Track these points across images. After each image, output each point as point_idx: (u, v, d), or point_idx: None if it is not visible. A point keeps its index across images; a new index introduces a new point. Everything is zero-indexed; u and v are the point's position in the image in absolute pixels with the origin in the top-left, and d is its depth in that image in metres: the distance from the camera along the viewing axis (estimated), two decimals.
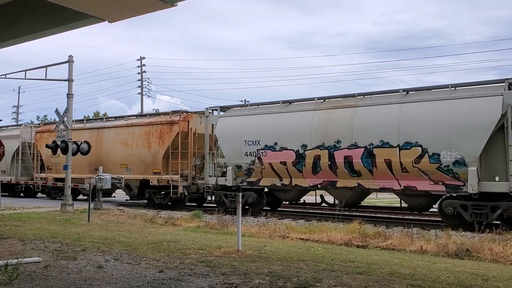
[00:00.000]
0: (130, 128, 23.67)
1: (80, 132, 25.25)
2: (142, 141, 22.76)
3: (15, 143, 29.20)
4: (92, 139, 23.82)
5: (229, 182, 19.65)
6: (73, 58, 21.32)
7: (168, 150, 21.82)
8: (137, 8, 7.46)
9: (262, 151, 18.78)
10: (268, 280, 7.14)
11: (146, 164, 22.60)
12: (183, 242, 10.96)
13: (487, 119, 14.25)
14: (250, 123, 19.58)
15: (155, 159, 22.28)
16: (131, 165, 23.12)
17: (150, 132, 22.57)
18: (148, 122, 22.95)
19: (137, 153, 22.90)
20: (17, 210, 19.70)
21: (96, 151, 23.64)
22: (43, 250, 9.66)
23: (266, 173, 18.84)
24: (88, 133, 25.12)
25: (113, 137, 24.12)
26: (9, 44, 10.34)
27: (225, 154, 20.05)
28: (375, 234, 12.39)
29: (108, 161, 23.82)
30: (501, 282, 7.32)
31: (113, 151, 23.87)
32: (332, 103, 18.08)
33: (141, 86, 50.37)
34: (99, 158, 24.11)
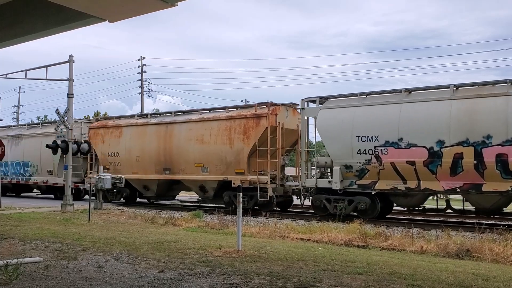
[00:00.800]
0: (206, 123, 20.88)
1: (144, 128, 22.94)
2: (222, 137, 20.16)
3: None
4: (159, 135, 22.08)
5: (336, 185, 16.95)
6: (73, 58, 21.33)
7: (255, 148, 19.34)
8: (137, 8, 7.45)
9: (382, 149, 16.01)
10: (268, 280, 7.14)
11: (227, 163, 20.03)
12: (184, 242, 10.95)
13: None
14: (363, 115, 16.68)
15: (238, 157, 19.74)
16: (208, 164, 20.52)
17: (232, 127, 19.96)
18: (230, 116, 20.28)
19: (216, 151, 20.30)
20: (17, 210, 19.71)
21: (165, 149, 21.82)
22: (44, 250, 9.66)
23: (385, 174, 16.07)
24: (154, 129, 22.55)
25: (186, 133, 21.37)
26: (9, 44, 10.34)
27: (330, 152, 17.35)
28: (375, 234, 12.39)
29: (180, 160, 21.41)
30: (502, 282, 7.31)
31: (186, 149, 21.19)
32: (473, 91, 15.28)
33: (142, 86, 50.37)
34: (168, 157, 21.82)
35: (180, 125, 21.85)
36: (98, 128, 25.06)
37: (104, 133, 24.47)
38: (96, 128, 25.14)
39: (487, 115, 14.56)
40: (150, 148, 22.38)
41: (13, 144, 29.78)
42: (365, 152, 16.38)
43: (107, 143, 24.03)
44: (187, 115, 22.26)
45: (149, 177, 22.62)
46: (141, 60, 50.45)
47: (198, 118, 21.28)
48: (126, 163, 23.26)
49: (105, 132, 24.43)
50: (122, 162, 23.29)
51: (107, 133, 24.25)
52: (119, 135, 23.71)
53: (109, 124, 24.72)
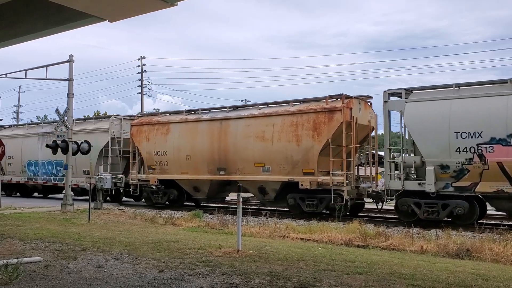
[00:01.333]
0: (268, 119, 19.10)
1: (195, 124, 21.30)
2: (287, 134, 18.36)
3: (104, 138, 24.83)
4: (213, 132, 20.50)
5: (430, 187, 15.13)
6: (73, 57, 21.32)
7: (327, 145, 17.49)
8: (137, 8, 7.45)
9: (486, 146, 14.36)
10: (268, 280, 7.14)
11: (293, 163, 18.23)
12: (183, 242, 10.95)
13: None
14: (462, 108, 14.95)
15: (307, 156, 17.90)
16: (271, 163, 18.75)
17: (299, 123, 18.16)
18: (296, 111, 18.47)
19: (280, 149, 18.52)
20: (17, 209, 19.71)
21: (219, 147, 20.23)
22: (43, 250, 9.66)
23: (489, 175, 14.42)
24: (206, 125, 20.90)
25: (244, 129, 19.64)
26: (9, 43, 10.34)
27: (422, 150, 15.54)
28: (375, 234, 12.39)
29: (237, 159, 19.72)
30: (502, 282, 7.31)
31: (244, 147, 19.50)
32: None
33: (142, 86, 50.36)
34: (223, 156, 20.14)
35: (236, 121, 20.03)
36: (141, 125, 23.20)
37: (148, 131, 22.73)
38: (139, 125, 23.31)
39: None
40: (202, 146, 20.78)
41: (44, 142, 26.99)
42: (465, 150, 14.66)
43: (153, 141, 22.36)
44: (244, 110, 20.51)
45: (201, 178, 20.88)
46: (141, 60, 50.45)
47: (258, 114, 19.50)
48: (174, 162, 21.65)
49: (150, 130, 22.70)
50: (170, 162, 21.72)
51: (152, 130, 22.55)
52: (166, 133, 22.05)
53: (154, 120, 22.88)
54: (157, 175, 22.35)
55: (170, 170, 21.85)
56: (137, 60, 50.67)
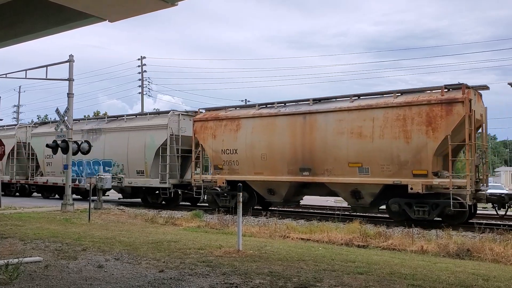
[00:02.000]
0: (366, 112, 16.72)
1: (272, 119, 19.03)
2: (391, 129, 16.05)
3: (161, 135, 22.56)
4: (295, 128, 18.32)
5: None
6: (73, 57, 21.33)
7: (445, 143, 15.20)
8: (138, 8, 7.45)
9: None
10: (268, 280, 7.13)
11: (400, 163, 15.94)
12: (184, 242, 10.95)
13: None
14: None
15: (419, 155, 15.58)
16: (370, 164, 16.50)
17: (407, 117, 15.79)
18: (402, 103, 16.05)
19: (383, 148, 16.22)
20: (17, 209, 19.71)
21: (303, 144, 18.02)
22: (44, 250, 9.66)
23: None
24: (285, 120, 18.64)
25: (335, 125, 17.31)
26: (10, 43, 10.35)
27: None
28: (375, 234, 12.39)
29: (327, 158, 17.44)
30: (502, 282, 7.31)
31: (336, 144, 17.21)
32: None
33: (142, 86, 50.36)
34: (308, 154, 17.92)
35: (324, 115, 17.68)
36: (206, 120, 21.07)
37: (215, 127, 20.62)
38: (203, 121, 21.18)
39: None
40: (282, 144, 18.57)
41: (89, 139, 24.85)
42: None
43: (220, 138, 20.33)
44: (334, 103, 18.00)
45: (279, 179, 18.73)
46: (141, 60, 50.46)
47: (353, 106, 17.07)
48: (246, 162, 19.55)
49: (216, 126, 20.59)
50: (241, 161, 19.64)
51: (219, 126, 20.45)
52: (236, 129, 19.92)
53: (221, 115, 20.68)
54: (225, 176, 20.18)
55: (240, 170, 19.71)
56: (137, 60, 50.70)
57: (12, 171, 30.31)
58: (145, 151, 22.74)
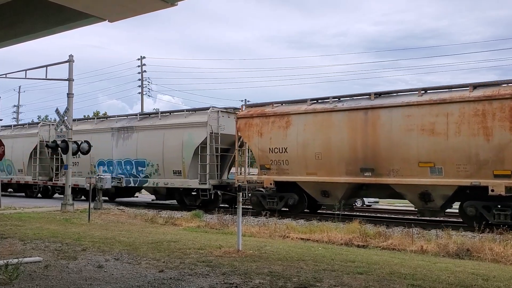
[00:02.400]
0: (438, 107, 15.44)
1: (327, 116, 17.67)
2: (469, 126, 14.86)
3: (200, 133, 21.37)
4: (355, 125, 16.99)
5: None
6: (73, 57, 21.34)
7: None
8: (137, 8, 7.45)
9: None
10: (268, 280, 7.14)
11: (478, 163, 14.71)
12: (184, 242, 10.96)
13: None
14: None
15: (501, 154, 14.38)
16: (443, 163, 15.23)
17: (488, 112, 14.55)
18: (481, 97, 14.84)
19: (459, 146, 15.00)
20: (17, 209, 19.70)
21: (365, 143, 16.72)
22: (44, 250, 9.66)
23: None
24: (344, 116, 17.29)
25: (402, 121, 15.99)
26: (9, 43, 10.35)
27: None
28: (375, 234, 12.39)
29: (393, 157, 16.15)
30: (502, 282, 7.31)
31: (404, 142, 15.91)
32: None
33: (141, 86, 50.37)
34: (371, 153, 16.61)
35: (389, 111, 16.38)
36: (251, 117, 19.74)
37: (261, 124, 19.31)
38: (248, 118, 19.83)
39: None
40: (339, 142, 17.21)
41: (120, 138, 24.09)
42: None
43: (267, 136, 19.06)
44: (399, 97, 16.76)
45: (335, 180, 17.33)
46: (141, 60, 50.47)
47: (423, 101, 15.78)
48: (297, 161, 18.19)
49: (263, 122, 19.28)
50: (291, 160, 18.29)
51: (267, 123, 19.14)
52: (286, 126, 18.61)
53: (268, 111, 19.39)
54: (273, 176, 18.81)
55: (291, 171, 18.35)
56: (137, 60, 50.71)
57: (34, 171, 28.69)
58: (182, 150, 21.51)
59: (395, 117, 16.20)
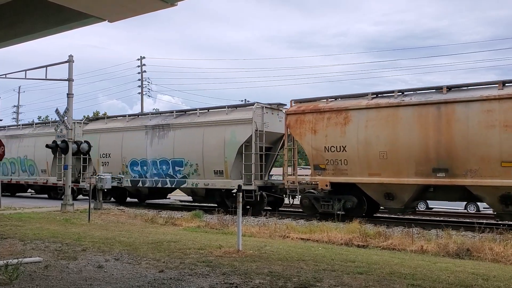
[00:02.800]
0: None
1: (393, 111, 16.34)
2: None
3: (245, 131, 19.96)
4: (425, 121, 15.70)
5: None
6: (73, 58, 21.33)
7: None
8: (137, 8, 7.45)
9: None
10: (268, 280, 7.13)
11: None
12: (184, 242, 10.95)
13: None
14: None
15: None
16: None
17: None
18: None
19: None
20: (17, 210, 19.70)
21: (438, 141, 15.44)
22: (44, 250, 9.66)
23: None
24: (412, 112, 15.94)
25: (481, 116, 14.75)
26: (10, 44, 10.35)
27: None
28: (375, 234, 12.39)
29: (470, 156, 14.91)
30: (502, 282, 7.31)
31: (483, 140, 14.69)
32: None
33: (141, 86, 50.34)
34: (444, 152, 15.34)
35: (465, 106, 15.09)
36: (303, 113, 18.32)
37: (315, 120, 17.92)
38: (300, 114, 18.45)
39: None
40: (408, 140, 15.88)
41: (155, 136, 22.74)
42: None
43: (322, 133, 17.67)
44: (476, 91, 15.43)
45: (403, 181, 15.98)
46: (141, 60, 50.45)
47: (505, 94, 14.47)
48: (358, 161, 16.86)
49: (316, 119, 17.88)
50: (350, 160, 16.96)
51: (321, 119, 17.75)
52: (344, 122, 17.25)
53: (323, 107, 17.95)
54: (329, 177, 17.46)
55: (350, 171, 17.00)
56: (137, 60, 50.67)
57: (59, 172, 26.60)
58: (224, 148, 20.23)
59: (473, 113, 14.90)
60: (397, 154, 16.05)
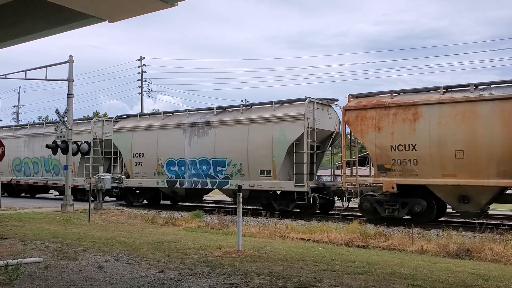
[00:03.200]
0: None
1: (472, 106, 15.04)
2: None
3: (296, 128, 18.64)
4: (508, 117, 14.50)
5: None
6: (73, 58, 21.35)
7: None
8: (137, 8, 7.45)
9: None
10: (268, 280, 7.13)
11: None
12: (184, 242, 10.95)
13: None
14: None
15: None
16: None
17: None
18: None
19: None
20: (17, 210, 19.70)
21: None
22: (44, 250, 9.66)
23: None
24: (493, 106, 14.80)
25: None
26: (10, 44, 10.35)
27: None
28: (375, 234, 12.39)
29: None
30: (502, 282, 7.31)
31: None
32: None
33: (141, 86, 50.38)
34: None
35: None
36: (365, 109, 16.89)
37: (379, 116, 16.51)
38: (360, 110, 16.99)
39: None
40: (488, 138, 14.59)
41: (194, 135, 21.38)
42: None
43: (387, 130, 16.24)
44: None
45: (482, 183, 14.67)
46: (141, 60, 50.49)
47: None
48: (430, 161, 15.46)
49: (380, 115, 16.47)
50: (421, 160, 15.53)
51: (386, 116, 16.34)
52: (413, 119, 15.86)
53: (387, 102, 16.48)
54: (395, 178, 16.04)
55: (420, 172, 15.59)
56: (137, 61, 50.75)
57: (87, 172, 25.39)
58: (272, 147, 18.93)
59: None
60: (475, 153, 14.74)
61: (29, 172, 29.40)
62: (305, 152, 18.34)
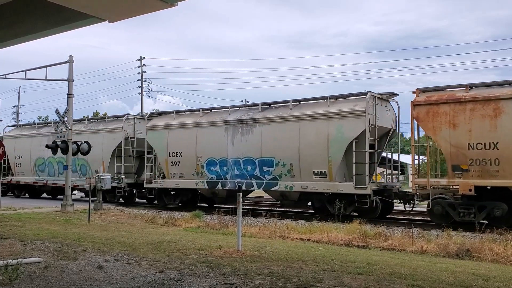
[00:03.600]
0: None
1: None
2: None
3: (356, 125, 17.15)
4: None
5: None
6: (73, 58, 21.35)
7: None
8: (137, 8, 7.46)
9: None
10: (268, 281, 7.13)
11: None
12: (183, 242, 10.95)
13: None
14: None
15: None
16: None
17: None
18: None
19: None
20: (17, 210, 19.69)
21: None
22: (43, 251, 9.66)
23: None
24: None
25: None
26: (10, 44, 10.36)
27: None
28: (375, 235, 12.38)
29: None
30: (502, 282, 7.31)
31: None
32: None
33: (141, 86, 50.36)
34: None
35: None
36: (437, 104, 15.51)
37: (453, 112, 15.15)
38: (432, 105, 15.60)
39: None
40: None
41: (237, 132, 19.98)
42: None
43: (464, 127, 14.92)
44: None
45: None
46: (141, 60, 50.48)
47: None
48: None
49: (455, 111, 15.11)
50: (504, 159, 14.25)
51: (461, 111, 14.99)
52: (493, 114, 14.48)
53: (463, 96, 15.16)
54: (473, 180, 14.75)
55: (502, 173, 14.29)
56: (137, 61, 50.72)
57: (118, 173, 24.31)
58: (328, 146, 17.45)
59: None
60: None
61: (54, 173, 27.83)
62: (367, 151, 16.96)
